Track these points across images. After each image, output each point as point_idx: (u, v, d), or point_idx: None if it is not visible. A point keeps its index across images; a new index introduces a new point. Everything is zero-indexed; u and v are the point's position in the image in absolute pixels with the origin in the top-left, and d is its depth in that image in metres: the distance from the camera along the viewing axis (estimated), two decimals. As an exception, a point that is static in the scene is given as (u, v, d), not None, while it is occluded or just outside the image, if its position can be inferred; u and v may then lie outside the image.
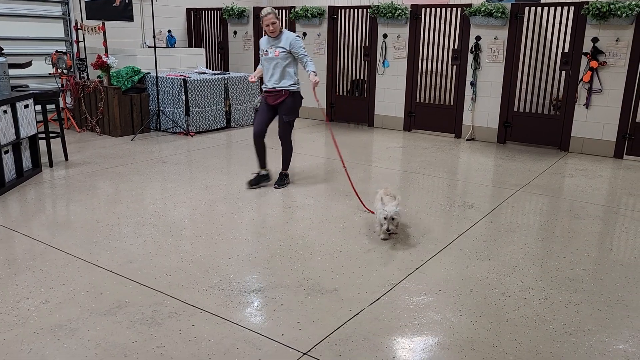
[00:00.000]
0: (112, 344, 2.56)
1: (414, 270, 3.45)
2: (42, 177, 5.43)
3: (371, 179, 5.59)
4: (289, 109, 5.05)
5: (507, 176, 5.79)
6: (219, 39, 10.24)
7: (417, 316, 2.88)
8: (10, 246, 3.71)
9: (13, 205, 4.57)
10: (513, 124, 7.40)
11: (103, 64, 7.25)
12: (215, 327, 2.74)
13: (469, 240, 3.97)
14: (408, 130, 8.34)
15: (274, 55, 4.93)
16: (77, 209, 4.48)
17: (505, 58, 7.26)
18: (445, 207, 4.73)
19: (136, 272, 3.33)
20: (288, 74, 4.99)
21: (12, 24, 7.68)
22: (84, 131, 7.78)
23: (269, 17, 4.83)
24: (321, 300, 3.04)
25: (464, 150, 7.07)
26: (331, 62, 8.90)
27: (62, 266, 3.40)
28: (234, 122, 8.32)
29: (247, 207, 4.59)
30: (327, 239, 3.94)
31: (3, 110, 4.82)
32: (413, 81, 8.14)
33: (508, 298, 3.09)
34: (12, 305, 2.90)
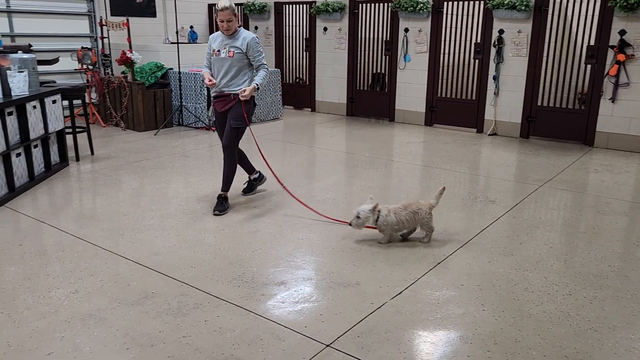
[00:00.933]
0: (140, 333, 2.63)
1: (435, 264, 3.46)
2: (69, 171, 5.56)
3: (392, 175, 5.59)
4: (237, 114, 4.34)
5: (530, 171, 5.74)
6: (240, 34, 10.29)
7: (439, 310, 2.89)
8: (41, 238, 3.81)
9: (42, 198, 4.69)
10: (536, 118, 7.31)
11: (127, 59, 7.36)
12: (240, 318, 2.79)
13: (491, 236, 3.95)
14: (429, 125, 8.30)
15: (227, 55, 4.26)
16: (104, 202, 4.58)
17: (529, 52, 7.17)
18: (467, 202, 4.71)
19: (162, 264, 3.40)
20: (241, 79, 4.33)
21: (39, 21, 7.84)
22: (108, 126, 7.92)
23: (225, 13, 4.15)
24: (343, 293, 3.07)
25: (486, 145, 7.01)
26: (352, 56, 8.89)
27: (90, 257, 3.49)
28: (255, 117, 8.37)
29: (268, 201, 4.64)
30: (348, 233, 3.97)
31: (33, 106, 4.94)
32: (434, 75, 8.09)
33: (531, 293, 3.08)
34: (44, 294, 2.99)
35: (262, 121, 8.47)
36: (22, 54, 5.05)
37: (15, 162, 4.71)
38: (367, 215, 3.71)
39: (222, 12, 4.17)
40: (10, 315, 2.77)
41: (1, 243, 3.69)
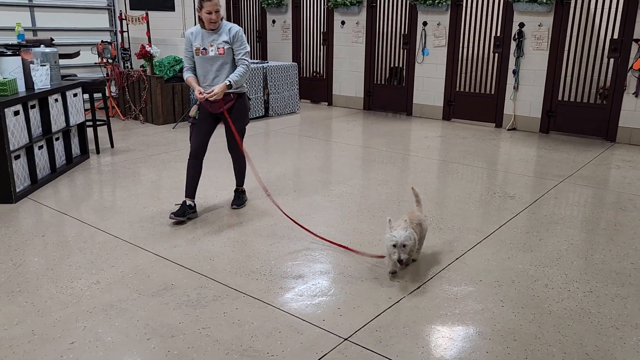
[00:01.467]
0: (160, 324, 2.67)
1: (454, 260, 3.44)
2: (89, 164, 5.63)
3: (409, 169, 5.56)
4: (240, 114, 4.04)
5: (550, 167, 5.67)
6: (258, 28, 10.31)
7: (457, 306, 2.88)
8: (62, 229, 3.88)
9: (63, 190, 4.77)
10: (557, 113, 7.21)
11: (146, 53, 7.41)
12: (258, 310, 2.81)
13: (510, 231, 3.92)
14: (447, 119, 8.23)
15: (218, 53, 3.88)
16: (123, 195, 4.63)
17: (550, 45, 7.06)
18: (486, 197, 4.67)
19: (181, 256, 3.43)
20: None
21: (60, 15, 7.93)
22: (127, 119, 8.00)
23: (213, 3, 3.76)
24: (361, 287, 3.07)
25: (505, 140, 6.94)
26: (369, 50, 8.84)
27: (111, 249, 3.54)
28: (272, 110, 8.39)
29: (285, 195, 4.65)
30: (366, 227, 3.96)
31: (54, 99, 5.01)
32: (453, 69, 8.01)
33: (551, 290, 3.05)
34: (66, 285, 3.04)
35: (279, 115, 8.48)
36: (45, 48, 5.12)
37: (38, 154, 4.79)
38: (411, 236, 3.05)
39: (208, 2, 3.75)
40: (35, 305, 2.83)
41: (25, 234, 3.76)
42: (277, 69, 8.35)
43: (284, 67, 8.46)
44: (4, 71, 4.58)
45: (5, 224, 3.93)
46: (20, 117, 4.48)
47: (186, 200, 4.08)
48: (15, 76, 4.63)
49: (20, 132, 4.46)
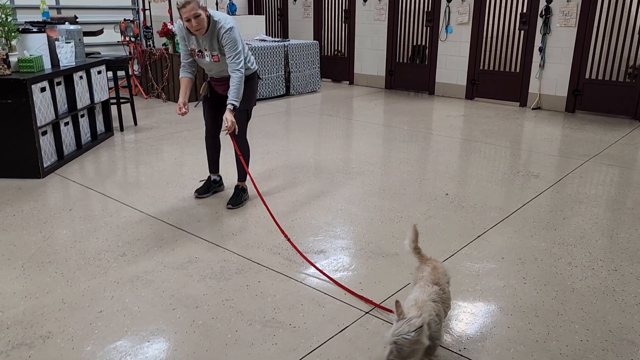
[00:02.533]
0: (185, 295, 2.72)
1: (476, 237, 3.43)
2: (113, 141, 5.71)
3: (430, 148, 5.52)
4: (244, 96, 3.73)
5: (576, 146, 5.57)
6: (279, 6, 10.23)
7: (479, 282, 2.88)
8: (89, 203, 3.96)
9: (89, 166, 4.85)
10: (584, 91, 7.06)
11: (168, 31, 7.43)
12: (280, 284, 2.85)
13: (533, 210, 3.88)
14: (470, 98, 8.12)
15: (212, 60, 3.68)
16: (147, 171, 4.70)
17: (578, 22, 6.88)
18: (509, 176, 4.62)
19: (204, 231, 3.48)
20: None
21: (83, -6, 7.98)
22: (150, 97, 8.07)
23: (188, 8, 3.34)
24: (382, 263, 3.09)
25: (530, 119, 6.83)
26: (392, 28, 8.73)
27: (136, 223, 3.60)
28: (293, 89, 8.37)
29: (307, 172, 4.66)
30: (388, 204, 3.96)
31: (79, 76, 5.08)
32: (477, 47, 7.87)
33: (575, 268, 3.03)
34: (94, 257, 3.12)
35: (300, 94, 8.46)
36: (69, 26, 5.17)
37: (64, 130, 4.87)
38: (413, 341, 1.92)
39: (184, 8, 3.34)
40: (64, 275, 2.91)
41: (53, 208, 3.85)
42: (298, 47, 8.30)
43: (305, 45, 8.41)
44: (30, 48, 4.65)
45: (34, 198, 4.02)
46: (47, 93, 4.55)
47: (211, 176, 4.16)
48: (41, 53, 4.69)
49: (46, 109, 4.54)
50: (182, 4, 3.35)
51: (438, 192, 4.22)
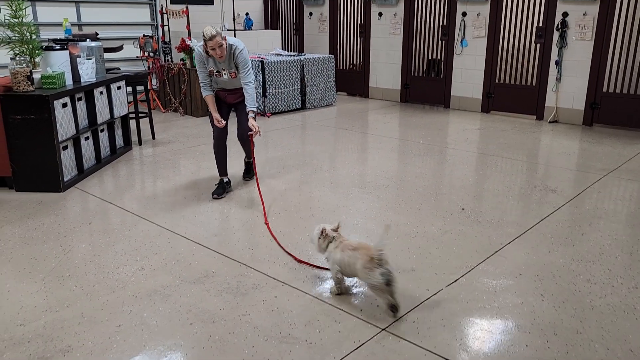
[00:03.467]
0: (201, 310, 2.74)
1: (492, 253, 3.40)
2: (132, 155, 5.80)
3: (446, 162, 5.51)
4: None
5: (594, 160, 5.51)
6: (295, 21, 10.35)
7: (496, 299, 2.86)
8: (108, 217, 4.02)
9: (108, 180, 4.93)
10: (601, 105, 7.00)
11: (186, 47, 7.56)
12: (296, 299, 2.86)
13: (551, 225, 3.84)
14: (486, 111, 8.10)
15: (230, 77, 4.31)
16: (165, 185, 4.76)
17: (595, 35, 6.84)
18: (526, 191, 4.59)
19: (221, 245, 3.51)
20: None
21: (104, 10, 8.15)
22: (168, 111, 8.18)
23: (215, 41, 3.97)
24: (399, 279, 3.07)
25: (546, 133, 6.78)
26: (407, 42, 8.76)
27: (154, 237, 3.65)
28: (309, 103, 8.43)
29: (322, 186, 4.68)
30: (403, 219, 3.96)
31: (100, 92, 5.18)
32: (493, 61, 7.87)
33: (594, 285, 2.99)
34: (113, 270, 3.16)
35: (315, 107, 8.52)
36: (90, 42, 5.28)
37: (84, 145, 4.97)
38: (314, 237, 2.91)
39: (211, 41, 3.97)
40: (83, 289, 2.95)
41: (73, 222, 3.92)
42: (314, 61, 8.37)
43: (320, 59, 8.48)
44: (53, 65, 4.76)
45: (54, 212, 4.10)
46: (68, 109, 4.65)
47: (222, 179, 4.55)
48: (63, 70, 4.80)
49: (67, 124, 4.64)
50: (209, 37, 3.96)
51: (454, 207, 4.20)
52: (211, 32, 3.97)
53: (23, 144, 4.40)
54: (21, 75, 4.36)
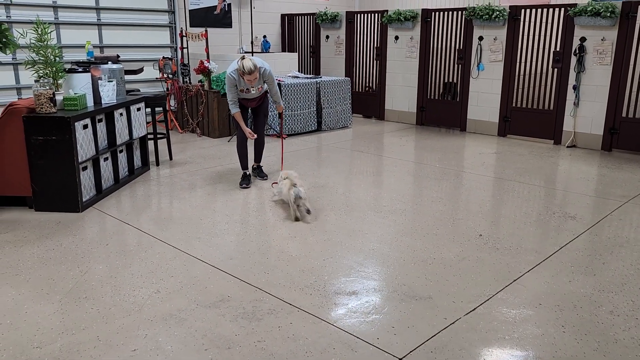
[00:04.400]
0: (217, 335, 2.73)
1: (511, 281, 3.35)
2: (149, 175, 5.85)
3: (463, 186, 5.47)
4: (266, 107, 5.51)
5: (614, 186, 5.44)
6: (312, 44, 10.46)
7: (516, 329, 2.80)
8: (124, 238, 4.04)
9: (126, 201, 4.97)
10: (620, 130, 6.93)
11: (205, 69, 7.66)
12: (312, 326, 2.83)
13: (571, 254, 3.78)
14: (503, 135, 8.06)
15: (258, 91, 5.18)
16: (182, 206, 4.79)
17: (614, 60, 6.81)
18: (544, 217, 4.53)
19: (237, 269, 3.51)
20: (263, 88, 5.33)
21: (125, 33, 8.33)
22: (185, 132, 8.27)
23: (253, 75, 4.81)
24: (416, 306, 3.04)
25: (564, 158, 6.72)
26: (423, 65, 8.80)
27: (170, 259, 3.66)
28: (325, 125, 8.46)
29: (338, 210, 4.67)
30: (420, 245, 3.93)
31: (120, 113, 5.26)
32: (509, 85, 7.85)
33: (617, 317, 2.92)
34: (129, 293, 3.17)
35: (331, 129, 8.55)
36: (112, 65, 5.38)
37: (103, 166, 5.03)
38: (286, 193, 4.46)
39: (249, 75, 4.77)
40: (99, 311, 2.96)
41: (90, 242, 3.95)
42: (330, 83, 8.43)
43: (337, 82, 8.53)
44: (75, 87, 4.85)
45: (72, 233, 4.14)
46: (89, 130, 4.72)
47: (245, 172, 5.46)
48: (85, 92, 4.89)
49: (88, 145, 4.70)
50: (249, 72, 4.77)
51: (471, 233, 4.16)
52: (250, 67, 4.73)
53: (44, 164, 4.47)
54: (44, 97, 4.45)
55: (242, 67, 4.75)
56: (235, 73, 4.92)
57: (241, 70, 4.79)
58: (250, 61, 4.76)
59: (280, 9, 10.62)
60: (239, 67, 4.81)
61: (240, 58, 4.86)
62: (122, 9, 8.22)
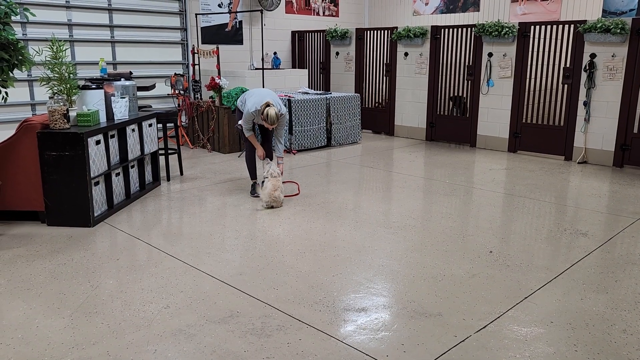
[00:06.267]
0: (226, 352, 2.73)
1: (522, 299, 3.32)
2: (160, 190, 5.90)
3: (472, 202, 5.45)
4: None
5: (625, 203, 5.39)
6: (322, 60, 10.55)
7: (527, 348, 2.77)
8: (135, 253, 4.07)
9: (136, 216, 5.01)
10: (632, 146, 6.88)
11: (216, 85, 7.75)
12: (321, 342, 2.82)
13: (582, 271, 3.74)
14: (513, 151, 8.03)
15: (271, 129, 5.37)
16: (192, 221, 4.81)
17: (624, 76, 6.79)
18: (555, 234, 4.50)
19: (246, 284, 3.51)
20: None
21: (138, 50, 8.46)
22: (196, 148, 8.34)
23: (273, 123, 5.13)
24: (425, 323, 3.02)
25: (575, 174, 6.68)
26: (432, 81, 8.83)
27: (180, 274, 3.67)
28: (335, 140, 8.50)
29: (347, 225, 4.67)
30: (430, 261, 3.91)
31: (132, 129, 5.32)
32: (519, 101, 7.85)
33: (630, 336, 2.88)
34: (139, 308, 3.18)
35: (341, 145, 8.58)
36: (124, 81, 5.46)
37: (115, 181, 5.08)
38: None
39: (272, 124, 5.13)
40: (110, 326, 2.97)
41: (101, 257, 3.98)
42: (340, 99, 8.48)
43: (346, 98, 8.58)
44: (89, 103, 4.93)
45: (84, 247, 4.17)
46: (101, 146, 4.78)
47: (255, 181, 5.67)
48: (98, 108, 4.96)
49: (100, 160, 4.76)
50: (271, 122, 5.11)
51: (481, 249, 4.14)
52: (273, 119, 5.07)
53: (57, 179, 4.53)
54: (58, 113, 4.52)
55: (267, 116, 5.05)
56: (257, 112, 5.14)
57: (263, 117, 5.08)
58: (274, 112, 5.04)
59: (291, 26, 10.74)
60: (262, 113, 5.07)
61: (265, 104, 5.08)
62: (136, 27, 8.36)
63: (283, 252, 4.09)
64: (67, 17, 7.65)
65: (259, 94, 5.30)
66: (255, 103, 5.16)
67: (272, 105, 5.09)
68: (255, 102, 5.17)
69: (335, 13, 11.48)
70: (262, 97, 5.23)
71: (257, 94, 5.31)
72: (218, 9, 9.36)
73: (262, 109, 5.08)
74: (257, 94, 5.33)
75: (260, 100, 5.15)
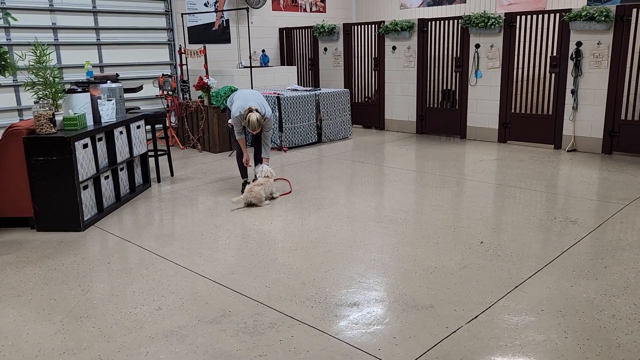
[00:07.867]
0: (218, 351, 2.73)
1: (513, 288, 3.34)
2: (151, 192, 5.88)
3: (464, 193, 5.47)
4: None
5: (615, 189, 5.42)
6: (310, 56, 10.53)
7: (518, 336, 2.79)
8: (126, 256, 4.05)
9: (127, 218, 4.99)
10: (620, 133, 6.92)
11: (204, 85, 7.72)
12: (313, 339, 2.82)
13: (572, 258, 3.77)
14: (503, 141, 8.06)
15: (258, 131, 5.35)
16: (183, 222, 4.80)
17: (610, 64, 6.82)
18: (546, 222, 4.52)
19: (238, 283, 3.51)
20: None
21: (124, 52, 8.40)
22: (186, 148, 8.31)
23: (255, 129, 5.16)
24: (417, 316, 3.03)
25: (565, 162, 6.71)
26: (421, 74, 8.84)
27: (172, 275, 3.66)
28: (325, 137, 8.49)
29: (339, 221, 4.68)
30: (421, 254, 3.92)
31: (119, 132, 5.30)
32: (508, 91, 7.87)
33: (619, 321, 2.90)
34: (130, 310, 3.17)
35: (331, 141, 8.57)
36: (111, 84, 5.43)
37: (104, 184, 5.05)
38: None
39: (253, 130, 5.15)
40: (101, 330, 2.96)
41: (92, 261, 3.96)
42: (329, 95, 8.48)
43: (336, 93, 8.58)
44: (75, 107, 4.90)
45: (74, 252, 4.15)
46: (89, 149, 4.75)
47: (245, 180, 5.69)
48: (85, 111, 4.93)
49: (88, 164, 4.74)
50: (253, 129, 5.14)
51: (472, 240, 4.15)
52: (255, 125, 5.09)
53: (45, 184, 4.50)
54: (44, 118, 4.49)
55: (248, 122, 5.09)
56: (240, 117, 5.19)
57: (245, 123, 5.15)
58: (255, 118, 5.06)
59: (278, 23, 10.71)
60: (245, 118, 5.12)
61: (248, 109, 5.10)
62: (122, 29, 8.30)
63: (275, 249, 4.09)
64: (52, 20, 7.59)
65: (244, 98, 5.30)
66: (239, 107, 5.20)
67: (254, 111, 5.10)
68: (239, 106, 5.21)
69: (322, 9, 11.46)
70: (246, 100, 5.23)
71: (242, 98, 5.31)
72: (204, 8, 9.32)
73: (245, 114, 5.12)
74: (242, 97, 5.33)
75: (244, 105, 5.18)
